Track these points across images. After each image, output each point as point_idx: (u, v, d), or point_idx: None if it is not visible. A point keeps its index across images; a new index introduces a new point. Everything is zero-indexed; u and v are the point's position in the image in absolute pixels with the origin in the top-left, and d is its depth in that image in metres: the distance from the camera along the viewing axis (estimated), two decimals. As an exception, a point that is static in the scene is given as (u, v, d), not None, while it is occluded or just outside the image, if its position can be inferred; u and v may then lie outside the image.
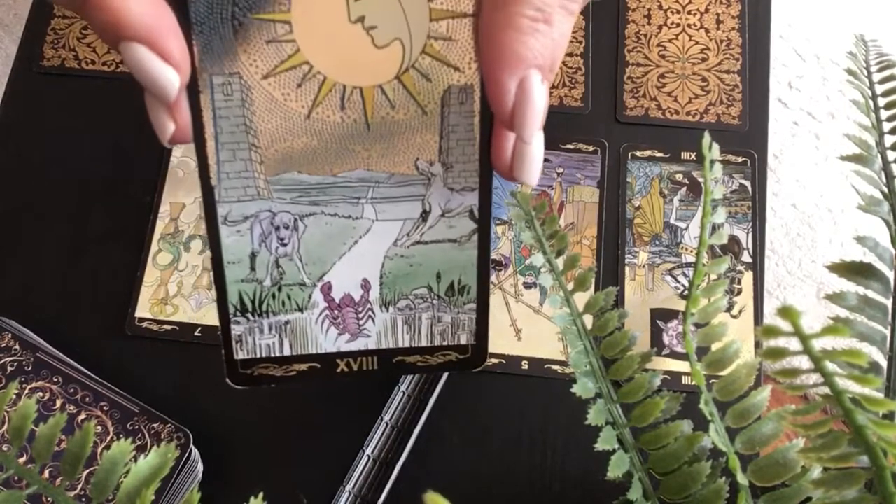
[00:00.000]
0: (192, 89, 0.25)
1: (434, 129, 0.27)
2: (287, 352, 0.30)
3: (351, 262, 0.30)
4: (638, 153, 0.55)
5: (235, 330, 0.30)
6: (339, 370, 0.31)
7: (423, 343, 0.31)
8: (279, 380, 0.31)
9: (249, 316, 0.30)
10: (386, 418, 0.48)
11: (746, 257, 0.52)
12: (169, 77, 0.23)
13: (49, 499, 0.29)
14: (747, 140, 0.55)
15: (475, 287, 0.30)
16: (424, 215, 0.29)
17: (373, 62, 0.26)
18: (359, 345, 0.31)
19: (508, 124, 0.25)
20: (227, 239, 0.28)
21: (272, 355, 0.30)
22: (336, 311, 0.30)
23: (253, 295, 0.29)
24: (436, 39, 0.26)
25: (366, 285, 0.30)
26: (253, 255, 0.29)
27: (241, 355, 0.30)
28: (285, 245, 0.29)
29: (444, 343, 0.31)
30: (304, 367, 0.31)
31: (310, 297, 0.30)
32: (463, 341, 0.31)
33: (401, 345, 0.31)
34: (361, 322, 0.31)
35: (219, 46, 0.25)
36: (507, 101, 0.24)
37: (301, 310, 0.30)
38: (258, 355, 0.30)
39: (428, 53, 0.26)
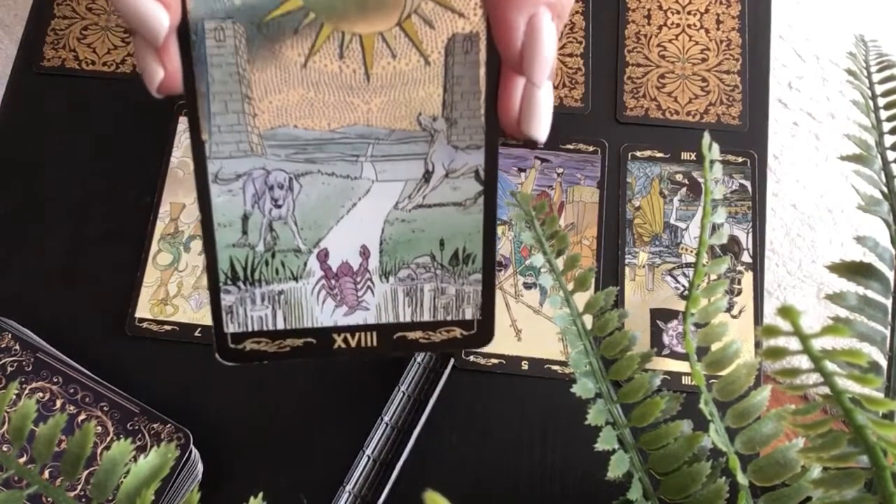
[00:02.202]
0: (183, 34, 0.23)
1: (437, 81, 0.25)
2: (280, 325, 0.28)
3: (349, 226, 0.27)
4: (638, 153, 0.55)
5: (226, 300, 0.27)
6: (336, 346, 0.29)
7: (426, 317, 0.29)
8: (272, 356, 0.29)
9: (241, 284, 0.27)
10: (386, 418, 0.47)
11: (746, 257, 0.52)
12: (158, 16, 0.22)
13: (49, 499, 0.29)
14: (747, 140, 0.55)
15: (481, 256, 0.28)
16: (427, 176, 0.27)
17: (373, 7, 0.24)
18: (357, 318, 0.29)
19: (517, 66, 0.24)
20: (217, 199, 0.26)
21: (265, 328, 0.28)
22: (333, 281, 0.28)
23: (245, 261, 0.27)
24: None
25: (365, 252, 0.28)
26: (245, 217, 0.27)
27: (231, 328, 0.28)
28: (279, 206, 0.27)
29: (448, 318, 0.29)
30: (298, 342, 0.29)
31: (305, 264, 0.28)
32: (468, 316, 0.29)
33: (402, 319, 0.29)
34: (360, 293, 0.28)
35: None
36: (515, 40, 0.23)
37: (296, 279, 0.28)
38: (250, 328, 0.28)
39: None
